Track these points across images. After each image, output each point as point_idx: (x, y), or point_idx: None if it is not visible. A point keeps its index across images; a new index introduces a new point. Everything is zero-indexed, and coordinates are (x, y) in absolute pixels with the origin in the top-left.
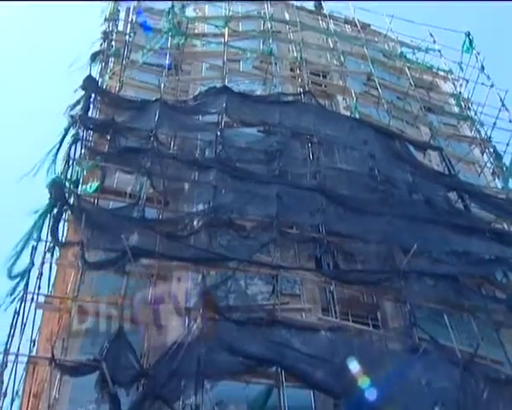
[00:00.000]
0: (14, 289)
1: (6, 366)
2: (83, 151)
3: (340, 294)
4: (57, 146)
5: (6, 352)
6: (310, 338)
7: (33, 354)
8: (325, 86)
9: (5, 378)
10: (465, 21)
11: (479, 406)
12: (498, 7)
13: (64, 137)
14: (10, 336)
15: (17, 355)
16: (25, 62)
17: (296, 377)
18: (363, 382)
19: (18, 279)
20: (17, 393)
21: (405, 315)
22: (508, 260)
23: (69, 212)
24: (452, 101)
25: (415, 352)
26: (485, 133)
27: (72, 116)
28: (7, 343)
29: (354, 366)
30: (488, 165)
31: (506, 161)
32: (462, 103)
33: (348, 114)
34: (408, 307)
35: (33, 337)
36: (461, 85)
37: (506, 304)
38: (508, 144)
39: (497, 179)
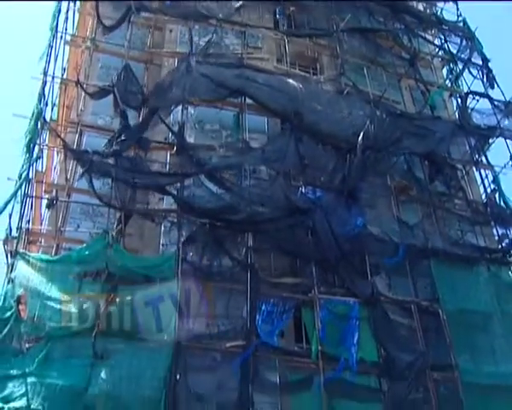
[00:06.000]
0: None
1: (45, 84)
2: None
3: (290, 49)
4: None
5: (45, 73)
6: (268, 78)
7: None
8: None
9: (46, 92)
10: None
11: (384, 132)
12: None
13: None
14: (46, 62)
15: (53, 77)
16: None
17: (258, 103)
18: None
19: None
20: (55, 104)
21: (337, 67)
22: (411, 30)
23: None
24: None
25: (341, 93)
26: None
27: None
28: (44, 68)
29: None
30: None
31: None
32: None
33: None
34: (339, 60)
35: (64, 66)
36: None
37: (408, 61)
38: None
39: None
